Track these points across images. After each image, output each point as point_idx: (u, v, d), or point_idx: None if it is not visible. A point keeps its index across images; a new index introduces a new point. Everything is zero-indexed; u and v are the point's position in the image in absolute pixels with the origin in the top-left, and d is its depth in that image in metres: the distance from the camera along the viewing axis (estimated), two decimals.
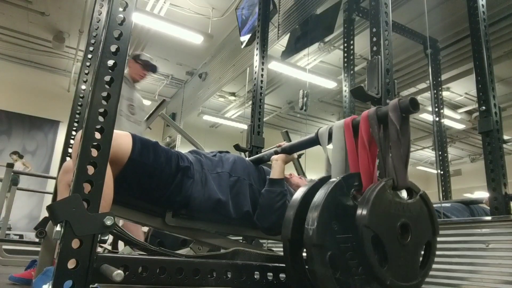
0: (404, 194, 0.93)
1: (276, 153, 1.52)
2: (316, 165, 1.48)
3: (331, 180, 0.90)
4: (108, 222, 0.74)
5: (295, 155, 1.58)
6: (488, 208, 2.14)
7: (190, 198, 1.26)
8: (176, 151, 1.34)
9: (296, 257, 0.89)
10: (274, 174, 1.46)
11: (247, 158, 1.59)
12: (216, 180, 1.35)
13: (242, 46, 3.75)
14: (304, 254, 0.88)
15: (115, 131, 1.13)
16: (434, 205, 2.37)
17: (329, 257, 0.80)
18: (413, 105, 0.89)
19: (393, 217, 0.84)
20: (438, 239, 0.96)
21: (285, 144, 1.56)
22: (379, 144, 0.92)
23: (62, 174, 1.15)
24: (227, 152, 1.59)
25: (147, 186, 1.20)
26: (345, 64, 3.33)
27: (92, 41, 1.95)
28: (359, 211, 0.82)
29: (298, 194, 0.93)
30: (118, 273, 0.68)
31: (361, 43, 3.61)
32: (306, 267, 0.90)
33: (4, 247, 3.37)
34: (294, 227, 0.89)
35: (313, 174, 1.47)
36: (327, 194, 0.84)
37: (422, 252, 0.91)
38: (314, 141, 1.27)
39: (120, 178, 1.12)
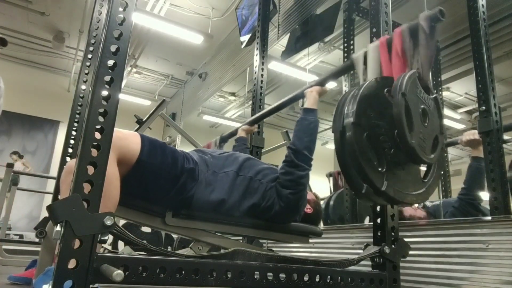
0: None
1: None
2: (317, 166, 1.49)
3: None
4: (108, 222, 0.74)
5: (327, 87, 1.66)
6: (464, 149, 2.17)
7: (192, 199, 1.25)
8: (182, 151, 1.33)
9: (343, 144, 1.04)
10: (308, 103, 1.56)
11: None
12: (224, 179, 1.34)
13: (242, 46, 3.75)
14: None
15: (123, 131, 1.14)
16: (435, 203, 2.36)
17: (366, 137, 0.98)
18: (441, 14, 1.06)
19: (419, 100, 1.02)
20: (439, 238, 0.98)
21: (317, 78, 1.65)
22: (410, 50, 1.09)
23: (65, 174, 1.14)
24: (236, 151, 1.60)
25: (152, 186, 1.19)
26: None
27: (92, 41, 1.95)
28: (396, 83, 0.99)
29: (348, 94, 1.09)
30: (118, 273, 0.68)
31: (361, 43, 3.61)
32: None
33: (4, 247, 3.37)
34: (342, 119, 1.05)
35: (317, 176, 1.49)
36: (364, 87, 1.03)
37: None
38: (348, 67, 1.42)
39: (126, 178, 1.12)
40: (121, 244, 3.13)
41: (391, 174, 1.00)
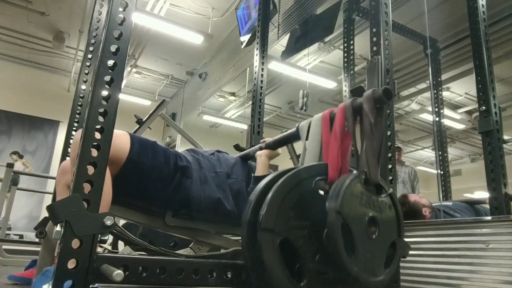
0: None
1: (261, 149, 1.51)
2: None
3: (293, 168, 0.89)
4: (108, 222, 0.74)
5: (280, 150, 1.56)
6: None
7: (190, 197, 1.25)
8: (174, 150, 1.33)
9: (253, 240, 0.83)
10: (258, 171, 1.46)
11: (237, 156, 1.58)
12: (215, 179, 1.35)
13: (242, 46, 3.75)
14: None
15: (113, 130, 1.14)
16: (434, 204, 2.35)
17: (280, 243, 0.78)
18: (387, 95, 0.87)
19: (363, 210, 0.83)
20: (439, 238, 0.96)
21: (268, 139, 1.55)
22: (353, 136, 0.90)
23: (60, 174, 1.14)
24: (226, 153, 1.59)
25: (146, 186, 1.19)
26: (345, 64, 3.33)
27: (92, 41, 1.95)
28: (330, 197, 0.80)
29: (263, 181, 0.89)
30: (118, 273, 0.68)
31: (361, 43, 3.61)
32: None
33: (4, 247, 3.36)
34: (254, 210, 0.83)
35: None
36: (283, 180, 0.82)
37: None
38: (295, 135, 1.26)
39: (119, 178, 1.12)
40: (121, 244, 3.13)
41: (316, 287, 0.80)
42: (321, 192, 0.85)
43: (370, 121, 0.86)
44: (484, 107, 1.95)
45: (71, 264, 0.70)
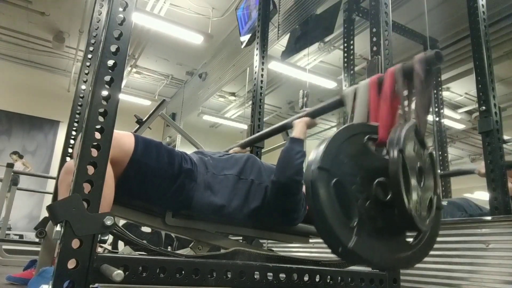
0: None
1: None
2: None
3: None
4: (108, 222, 0.74)
5: (318, 120, 1.60)
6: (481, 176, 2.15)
7: (191, 201, 1.25)
8: (180, 151, 1.32)
9: (310, 193, 0.91)
10: (295, 133, 1.48)
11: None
12: (224, 182, 1.33)
13: (242, 46, 3.75)
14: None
15: (117, 131, 1.14)
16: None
17: (334, 183, 0.85)
18: (438, 58, 0.95)
19: (415, 157, 0.90)
20: (438, 239, 0.96)
21: (309, 109, 1.58)
22: (403, 96, 0.99)
23: (64, 174, 1.14)
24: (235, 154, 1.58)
25: (148, 187, 1.19)
26: (345, 64, 3.33)
27: (92, 41, 1.95)
28: (391, 140, 0.88)
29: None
30: (118, 273, 0.68)
31: (361, 43, 3.61)
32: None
33: (4, 247, 3.37)
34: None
35: None
36: (339, 130, 0.93)
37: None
38: (338, 103, 1.33)
39: (121, 178, 1.12)
40: (121, 244, 3.13)
41: (365, 230, 0.84)
42: (372, 148, 0.93)
43: (421, 79, 0.95)
44: (484, 107, 1.95)
45: (71, 264, 0.70)
